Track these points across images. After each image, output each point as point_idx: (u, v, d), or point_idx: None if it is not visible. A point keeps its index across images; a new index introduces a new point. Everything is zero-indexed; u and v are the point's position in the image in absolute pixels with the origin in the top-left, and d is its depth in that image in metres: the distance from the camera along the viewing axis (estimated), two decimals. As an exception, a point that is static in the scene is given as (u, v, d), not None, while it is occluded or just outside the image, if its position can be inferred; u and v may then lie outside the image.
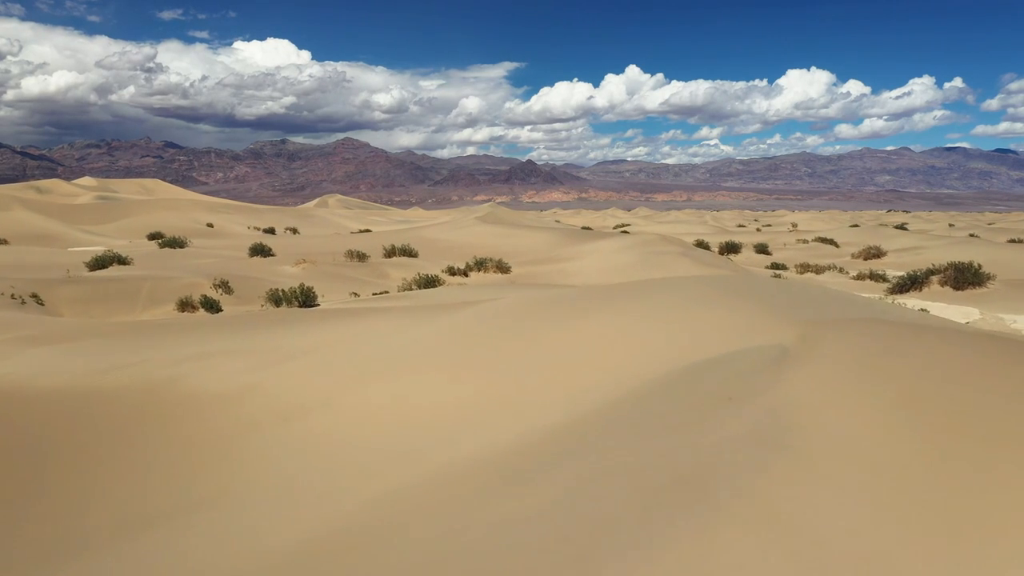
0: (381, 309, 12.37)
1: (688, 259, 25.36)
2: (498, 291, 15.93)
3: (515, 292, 14.08)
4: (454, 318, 9.39)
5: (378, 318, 10.49)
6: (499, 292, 15.46)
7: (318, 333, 10.01)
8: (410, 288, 22.06)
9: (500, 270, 30.48)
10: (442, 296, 15.64)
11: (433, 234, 50.69)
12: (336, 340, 9.38)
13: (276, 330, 10.63)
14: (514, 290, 15.68)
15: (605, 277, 24.15)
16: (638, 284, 10.46)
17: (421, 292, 17.43)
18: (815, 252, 44.48)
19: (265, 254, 34.26)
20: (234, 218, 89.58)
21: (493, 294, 14.86)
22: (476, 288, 17.08)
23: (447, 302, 13.40)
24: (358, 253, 30.22)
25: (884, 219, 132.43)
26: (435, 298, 15.14)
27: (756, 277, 15.46)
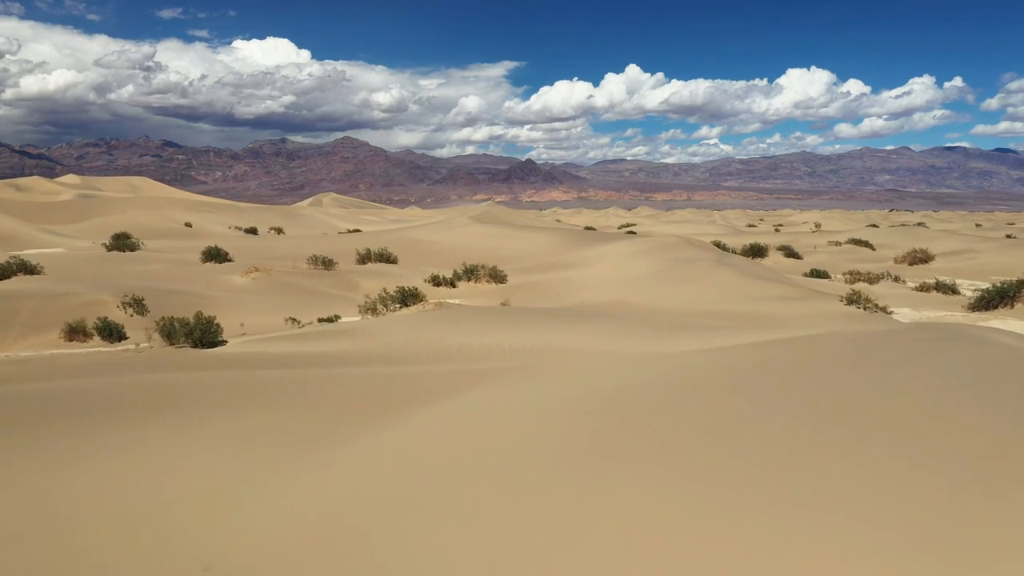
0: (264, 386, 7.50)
1: (729, 270, 20.53)
2: (485, 324, 11.08)
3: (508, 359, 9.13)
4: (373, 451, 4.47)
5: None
6: (487, 326, 10.61)
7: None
8: (374, 308, 17.13)
9: (494, 279, 25.65)
10: (400, 333, 10.78)
11: (422, 235, 45.77)
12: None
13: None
14: (510, 324, 10.81)
15: (623, 291, 19.32)
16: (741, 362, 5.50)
17: (372, 323, 12.51)
18: (850, 255, 39.63)
19: (220, 259, 29.39)
20: (216, 217, 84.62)
21: (476, 331, 9.93)
22: (454, 319, 12.29)
23: (398, 350, 8.53)
24: (323, 260, 25.34)
25: (896, 218, 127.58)
26: (389, 335, 10.28)
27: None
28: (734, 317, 14.38)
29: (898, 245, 44.62)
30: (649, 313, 14.12)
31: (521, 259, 35.32)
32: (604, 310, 14.87)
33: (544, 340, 9.16)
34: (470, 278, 26.20)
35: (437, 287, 25.33)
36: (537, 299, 21.97)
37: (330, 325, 12.73)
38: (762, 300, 17.10)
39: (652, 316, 12.49)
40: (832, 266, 34.71)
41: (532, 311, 12.65)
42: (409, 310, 16.40)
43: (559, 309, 12.94)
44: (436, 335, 9.99)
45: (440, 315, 12.77)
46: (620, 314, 11.94)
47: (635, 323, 10.79)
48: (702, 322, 12.49)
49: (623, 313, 12.10)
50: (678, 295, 18.57)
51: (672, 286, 19.18)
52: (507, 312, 12.10)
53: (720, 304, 16.76)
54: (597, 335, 9.49)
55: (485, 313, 12.20)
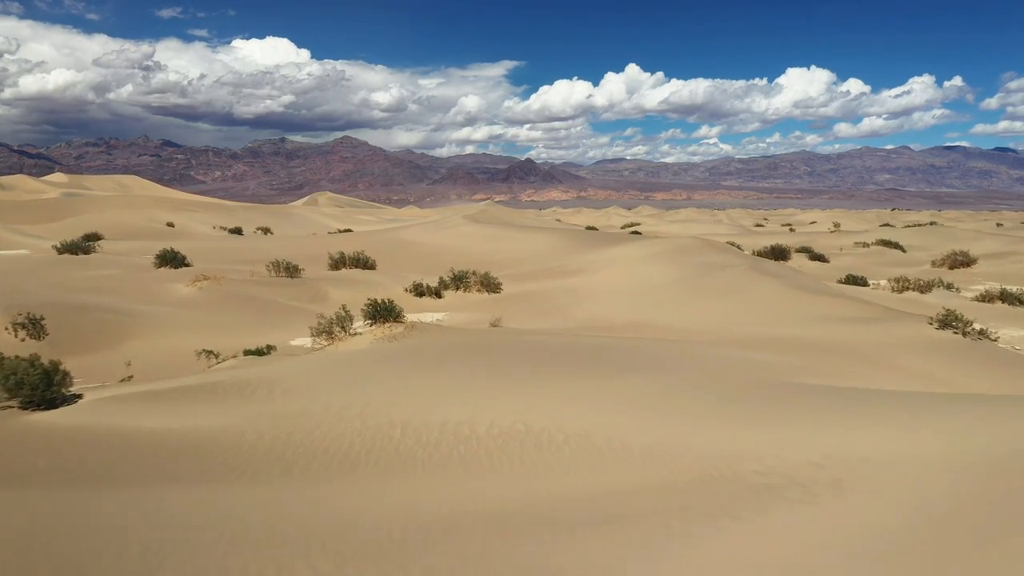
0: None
1: (772, 280, 16.99)
2: (460, 372, 7.59)
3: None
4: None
5: None
6: (460, 377, 7.08)
7: None
8: (329, 331, 13.57)
9: (486, 288, 22.16)
10: (328, 395, 7.26)
11: (412, 236, 42.23)
12: None
13: None
14: (495, 376, 7.26)
15: (641, 306, 15.82)
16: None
17: (297, 371, 8.80)
18: (879, 258, 36.13)
19: (177, 263, 25.86)
20: (201, 217, 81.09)
21: (441, 391, 6.36)
22: (419, 359, 8.75)
23: (306, 438, 4.97)
24: (287, 266, 21.81)
25: (902, 217, 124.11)
26: (310, 398, 6.75)
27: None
28: (805, 349, 10.93)
29: (929, 246, 41.09)
30: (689, 343, 10.73)
31: (519, 263, 31.80)
32: (626, 337, 11.42)
33: (550, 421, 5.66)
34: (459, 286, 22.73)
35: (420, 297, 21.86)
36: (536, 314, 18.52)
37: (248, 368, 9.39)
38: (827, 322, 13.62)
39: (699, 351, 9.16)
40: (863, 270, 31.23)
41: (531, 344, 9.28)
42: (373, 334, 12.92)
43: (567, 340, 9.63)
44: (379, 399, 6.58)
45: (404, 351, 9.26)
46: (654, 351, 8.65)
47: (691, 371, 7.33)
48: (775, 360, 9.06)
49: (658, 350, 8.83)
50: (715, 313, 15.11)
51: (703, 301, 15.72)
52: (495, 347, 8.73)
53: (775, 326, 13.29)
54: (645, 410, 5.96)
55: (465, 348, 8.76)
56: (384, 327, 13.23)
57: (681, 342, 10.65)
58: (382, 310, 17.72)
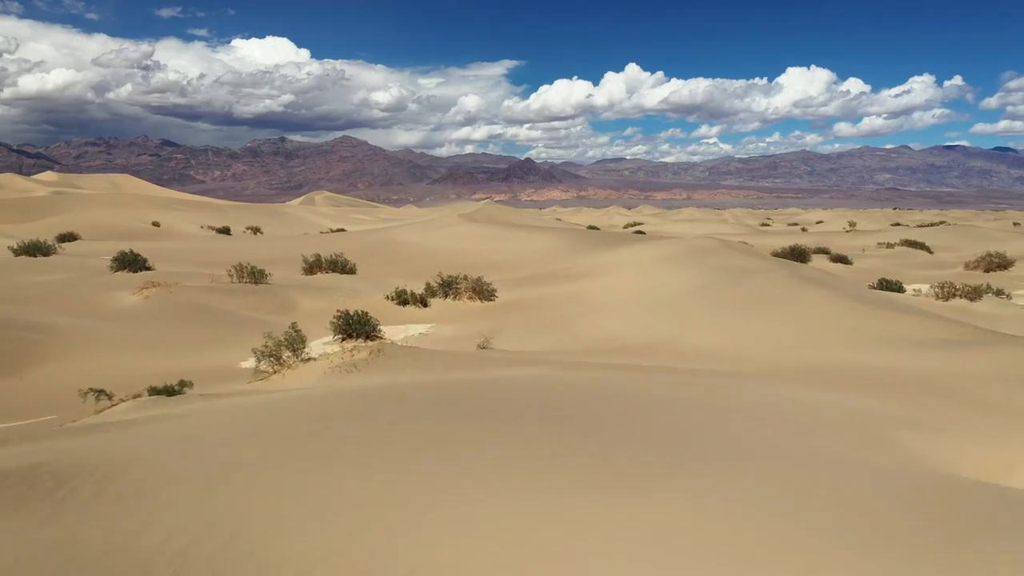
0: None
1: (819, 289, 14.36)
2: (422, 447, 4.97)
3: None
4: None
5: None
6: (420, 464, 4.43)
7: None
8: (276, 355, 10.97)
9: (478, 296, 19.60)
10: (196, 506, 4.60)
11: (404, 236, 39.62)
12: None
13: None
14: (472, 480, 4.52)
15: (661, 321, 13.27)
16: None
17: (179, 437, 6.24)
18: (905, 260, 33.57)
19: (136, 267, 23.29)
20: (189, 216, 78.62)
21: (381, 500, 3.60)
22: (369, 418, 6.20)
23: None
24: (252, 270, 19.25)
25: (909, 217, 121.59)
26: (173, 510, 4.08)
27: None
28: (885, 384, 8.31)
29: (955, 246, 38.46)
30: (736, 378, 8.24)
31: (516, 265, 29.24)
32: (650, 368, 8.81)
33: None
34: (447, 293, 20.19)
35: (403, 306, 19.32)
36: (535, 327, 15.98)
37: (96, 436, 6.72)
38: (901, 345, 11.00)
39: (760, 397, 6.69)
40: (891, 273, 28.67)
41: (528, 394, 6.71)
42: (329, 360, 10.34)
43: (579, 381, 7.21)
44: (259, 527, 4.06)
45: (341, 409, 6.66)
46: (704, 402, 6.12)
47: (778, 454, 4.86)
48: (860, 406, 6.43)
49: (706, 398, 6.31)
50: (752, 331, 12.52)
51: (735, 315, 13.13)
52: (475, 402, 6.19)
53: (833, 350, 10.71)
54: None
55: (432, 403, 6.20)
56: (346, 351, 10.67)
57: (724, 377, 8.12)
58: (354, 324, 15.17)
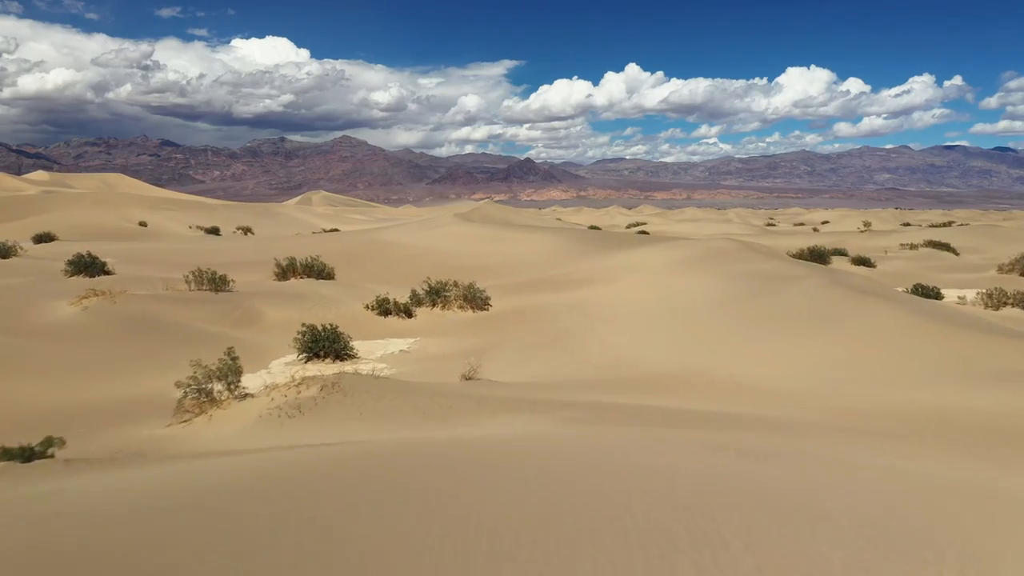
0: None
1: (879, 302, 12.04)
2: None
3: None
4: None
5: None
6: None
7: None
8: (207, 391, 8.67)
9: (470, 304, 17.37)
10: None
11: (395, 237, 37.34)
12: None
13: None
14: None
15: (681, 337, 11.03)
16: None
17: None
18: (933, 262, 31.32)
19: (94, 271, 21.04)
20: (177, 216, 76.26)
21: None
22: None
23: None
24: (212, 276, 16.97)
25: (915, 217, 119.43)
26: None
27: None
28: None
29: (981, 248, 36.16)
30: (818, 436, 6.02)
31: (514, 268, 26.99)
32: (695, 419, 6.56)
33: None
34: (435, 302, 17.97)
35: (385, 316, 17.09)
36: (534, 344, 13.76)
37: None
38: (1016, 380, 8.76)
39: (886, 477, 4.56)
40: (920, 276, 26.43)
41: (521, 469, 4.67)
42: (270, 397, 8.09)
43: (599, 455, 5.11)
44: None
45: (245, 501, 4.59)
46: (797, 496, 4.15)
47: None
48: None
49: (792, 486, 4.35)
50: (805, 355, 10.19)
51: (779, 336, 10.81)
52: (449, 474, 4.11)
53: (929, 388, 8.39)
54: None
55: (384, 476, 4.10)
56: (292, 385, 8.41)
57: (797, 433, 5.93)
58: (322, 341, 12.89)
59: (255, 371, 12.93)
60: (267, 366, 13.26)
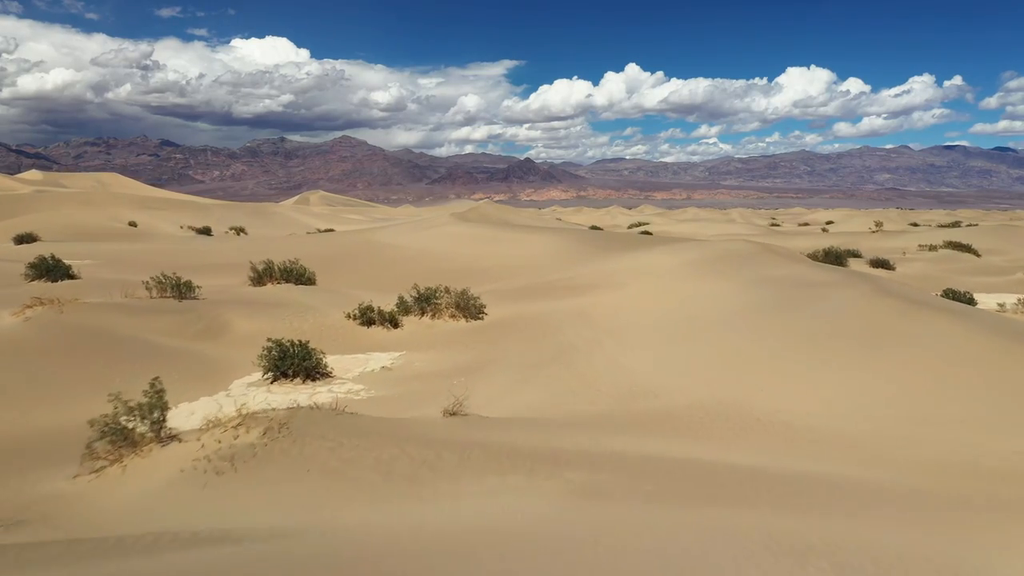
0: None
1: (943, 316, 10.34)
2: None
3: None
4: None
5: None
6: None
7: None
8: (123, 437, 6.99)
9: (462, 313, 15.73)
10: None
11: (388, 238, 35.67)
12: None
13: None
14: None
15: (704, 355, 9.38)
16: None
17: None
18: (955, 264, 29.66)
19: (57, 275, 19.39)
20: (169, 216, 74.56)
21: None
22: None
23: None
24: (176, 282, 15.31)
25: (919, 217, 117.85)
26: None
27: None
28: None
29: (1001, 250, 34.51)
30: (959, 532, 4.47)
31: (512, 271, 25.34)
32: (758, 507, 4.84)
33: None
34: (424, 310, 16.33)
35: (368, 327, 15.46)
36: (533, 361, 12.11)
37: None
38: None
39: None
40: (944, 280, 24.78)
41: None
42: (200, 442, 6.41)
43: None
44: None
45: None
46: None
47: None
48: None
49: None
50: (871, 391, 8.47)
51: (829, 358, 9.10)
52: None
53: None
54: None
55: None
56: (230, 426, 6.74)
57: (895, 508, 4.31)
58: (291, 358, 11.22)
59: (213, 392, 11.28)
60: (228, 387, 11.61)
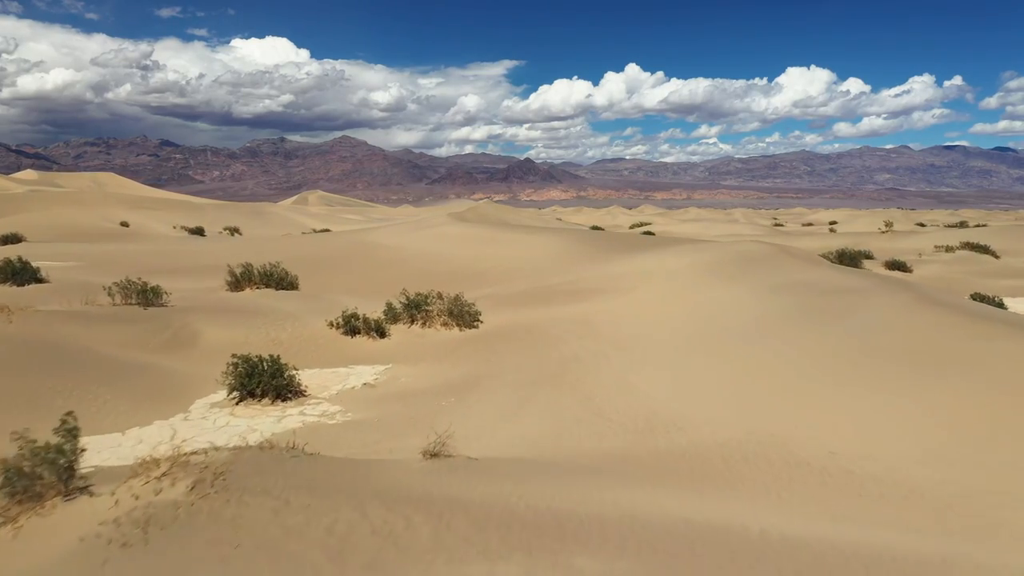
0: None
1: (1007, 329, 9.01)
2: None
3: None
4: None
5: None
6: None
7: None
8: (25, 488, 5.69)
9: (456, 321, 14.43)
10: None
11: (383, 238, 34.37)
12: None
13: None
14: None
15: (729, 373, 8.03)
16: None
17: None
18: (974, 266, 28.36)
19: (23, 279, 18.08)
20: (162, 216, 73.20)
21: None
22: None
23: None
24: (143, 288, 14.00)
25: (923, 217, 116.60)
26: None
27: None
28: None
29: (1020, 251, 33.15)
30: None
31: (511, 274, 24.05)
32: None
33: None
34: (415, 317, 15.05)
35: (352, 336, 14.18)
36: (533, 381, 10.81)
37: None
38: None
39: None
40: (966, 283, 23.51)
41: None
42: (115, 496, 5.16)
43: None
44: None
45: None
46: None
47: None
48: None
49: None
50: (962, 431, 6.98)
51: (890, 387, 7.72)
52: None
53: None
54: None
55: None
56: (152, 477, 5.48)
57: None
58: (260, 375, 9.92)
59: (171, 415, 9.98)
60: (188, 408, 10.28)
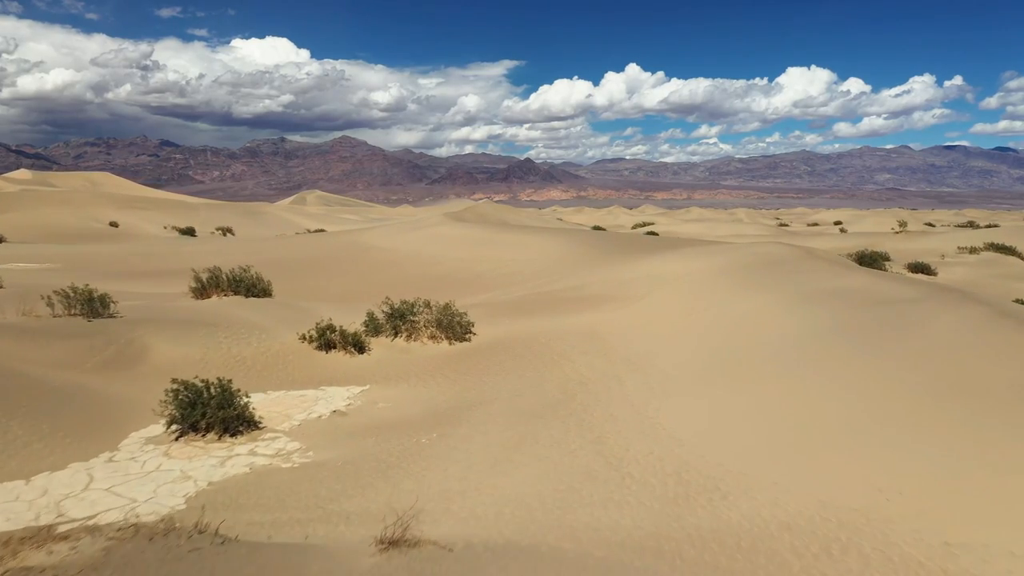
0: None
1: None
2: None
3: None
4: None
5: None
6: None
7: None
8: None
9: (445, 333, 12.78)
10: None
11: (375, 239, 32.69)
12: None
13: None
14: None
15: (776, 416, 6.25)
16: None
17: None
18: (1000, 269, 26.75)
19: (-29, 286, 16.38)
20: (153, 216, 71.55)
21: None
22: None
23: None
24: (88, 297, 12.35)
25: (928, 217, 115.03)
26: None
27: None
28: None
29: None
30: None
31: (509, 278, 22.39)
32: None
33: None
34: (399, 329, 13.37)
35: (327, 351, 12.54)
36: (532, 411, 9.16)
37: None
38: None
39: None
40: (989, 286, 21.92)
41: None
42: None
43: None
44: None
45: None
46: None
47: None
48: None
49: None
50: None
51: (998, 432, 6.10)
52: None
53: None
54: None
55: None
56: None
57: None
58: (205, 406, 8.23)
59: (95, 454, 8.29)
60: (119, 444, 8.56)
